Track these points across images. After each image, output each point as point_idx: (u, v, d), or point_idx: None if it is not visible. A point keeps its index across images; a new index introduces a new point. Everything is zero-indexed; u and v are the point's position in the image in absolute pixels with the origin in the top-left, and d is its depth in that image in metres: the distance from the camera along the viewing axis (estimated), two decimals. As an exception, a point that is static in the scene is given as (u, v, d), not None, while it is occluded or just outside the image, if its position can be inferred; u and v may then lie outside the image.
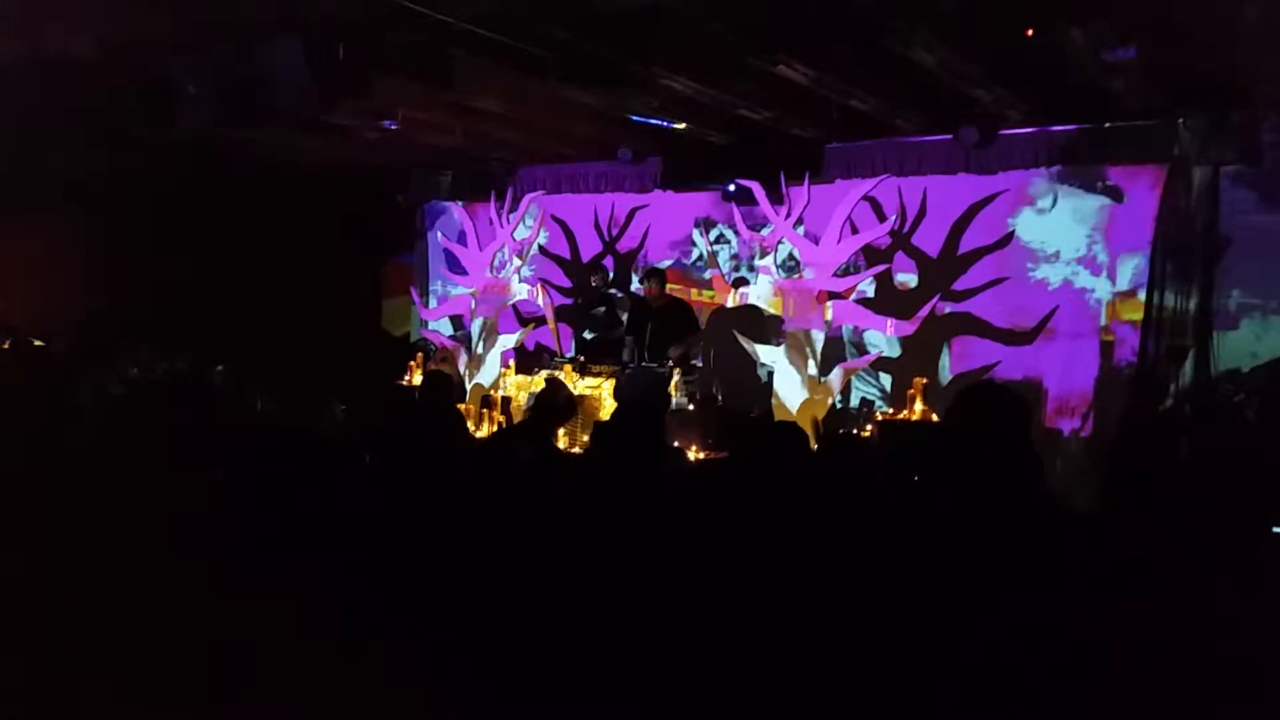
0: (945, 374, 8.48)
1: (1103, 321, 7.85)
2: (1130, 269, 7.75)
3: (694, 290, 9.72)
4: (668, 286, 8.42)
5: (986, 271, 8.29)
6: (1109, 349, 7.81)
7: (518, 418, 7.38)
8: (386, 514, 2.48)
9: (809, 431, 6.85)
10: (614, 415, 3.37)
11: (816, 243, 7.28)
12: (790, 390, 7.19)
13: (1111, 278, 7.83)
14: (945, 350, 8.48)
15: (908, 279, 8.70)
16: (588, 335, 8.78)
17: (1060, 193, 8.06)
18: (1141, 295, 7.66)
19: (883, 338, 8.34)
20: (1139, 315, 7.65)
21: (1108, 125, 7.65)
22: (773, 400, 7.35)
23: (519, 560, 2.53)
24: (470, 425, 7.26)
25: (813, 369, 7.17)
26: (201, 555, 2.41)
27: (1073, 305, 7.95)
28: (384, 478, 2.66)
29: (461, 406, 7.38)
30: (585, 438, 5.80)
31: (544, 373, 7.83)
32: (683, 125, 7.91)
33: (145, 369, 7.21)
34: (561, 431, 7.01)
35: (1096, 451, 7.42)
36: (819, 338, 7.21)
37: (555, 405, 4.67)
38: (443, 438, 2.91)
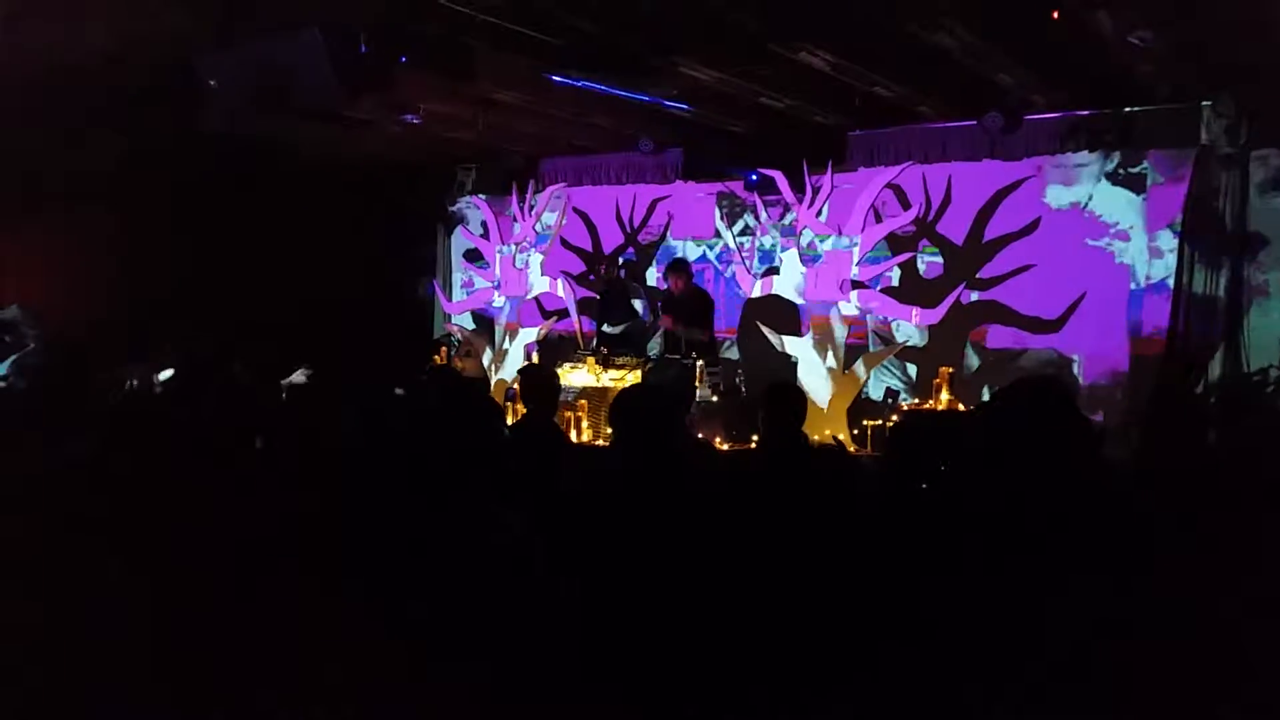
0: (973, 363, 8.42)
1: (1131, 307, 7.77)
2: (1159, 254, 7.67)
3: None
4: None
5: (1013, 259, 8.21)
6: (1138, 335, 7.73)
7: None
8: (396, 508, 2.47)
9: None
10: (622, 397, 3.29)
11: (840, 231, 7.25)
12: (815, 381, 7.15)
13: (1140, 263, 7.75)
14: (971, 338, 8.43)
15: (933, 267, 8.64)
16: (608, 329, 8.76)
17: (1086, 178, 7.98)
18: (1170, 281, 7.58)
19: (908, 327, 8.29)
20: (1168, 301, 7.57)
21: (1134, 110, 7.58)
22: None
23: (545, 554, 2.52)
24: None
25: (837, 359, 7.13)
26: (211, 553, 2.41)
27: (1100, 291, 7.86)
28: (396, 474, 2.65)
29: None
30: (609, 430, 5.82)
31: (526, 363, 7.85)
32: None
33: (167, 365, 7.25)
34: (585, 424, 7.06)
35: (1126, 439, 7.34)
36: (843, 328, 7.17)
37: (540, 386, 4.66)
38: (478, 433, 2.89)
